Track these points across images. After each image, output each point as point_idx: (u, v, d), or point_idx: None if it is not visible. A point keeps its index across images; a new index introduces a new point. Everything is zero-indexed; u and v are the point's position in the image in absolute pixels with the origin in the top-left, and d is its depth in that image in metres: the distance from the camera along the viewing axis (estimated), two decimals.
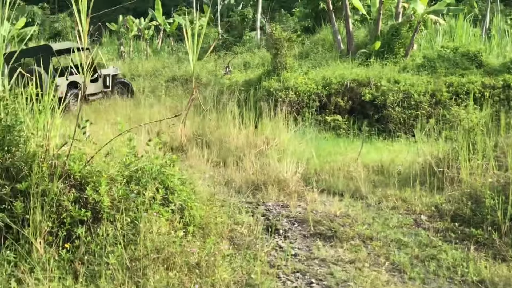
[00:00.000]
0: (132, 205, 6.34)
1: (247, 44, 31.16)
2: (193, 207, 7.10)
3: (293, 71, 18.38)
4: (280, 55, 18.29)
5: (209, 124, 14.07)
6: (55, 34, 38.24)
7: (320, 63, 20.97)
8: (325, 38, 25.44)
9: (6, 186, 5.83)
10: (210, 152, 12.29)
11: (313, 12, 29.09)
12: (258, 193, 9.93)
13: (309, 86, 16.92)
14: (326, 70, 18.70)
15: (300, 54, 23.60)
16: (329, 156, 11.83)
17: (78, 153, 6.43)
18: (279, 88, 16.97)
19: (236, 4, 42.30)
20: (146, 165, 6.86)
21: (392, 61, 19.27)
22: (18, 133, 6.19)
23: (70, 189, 6.18)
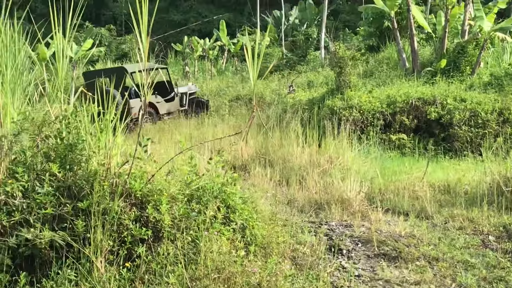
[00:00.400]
0: (193, 224, 6.29)
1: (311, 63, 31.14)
2: (254, 226, 7.01)
3: (357, 90, 18.20)
4: (344, 74, 18.13)
5: (272, 143, 13.99)
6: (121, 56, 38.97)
7: (384, 82, 20.75)
8: (389, 57, 25.21)
9: (67, 205, 5.84)
10: (273, 171, 12.21)
11: (378, 30, 28.85)
12: (321, 213, 9.79)
13: (374, 105, 16.70)
14: (391, 88, 18.45)
15: (364, 73, 23.42)
16: (394, 175, 11.60)
17: (139, 172, 6.42)
18: (342, 106, 16.80)
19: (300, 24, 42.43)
20: (207, 184, 6.82)
21: (458, 79, 18.89)
22: (80, 152, 6.21)
23: (131, 207, 6.16)
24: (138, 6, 6.41)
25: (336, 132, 14.08)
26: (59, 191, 5.96)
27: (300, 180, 11.51)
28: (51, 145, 6.26)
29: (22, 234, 5.51)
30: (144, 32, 6.29)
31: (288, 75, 28.15)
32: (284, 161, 12.76)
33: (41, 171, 6.04)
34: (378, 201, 10.01)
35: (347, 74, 18.14)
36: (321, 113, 16.87)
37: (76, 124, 6.35)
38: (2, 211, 5.65)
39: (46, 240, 5.53)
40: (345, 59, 17.99)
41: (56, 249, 5.68)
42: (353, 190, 10.09)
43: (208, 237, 6.13)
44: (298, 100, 19.40)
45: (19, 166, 5.91)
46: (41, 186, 5.83)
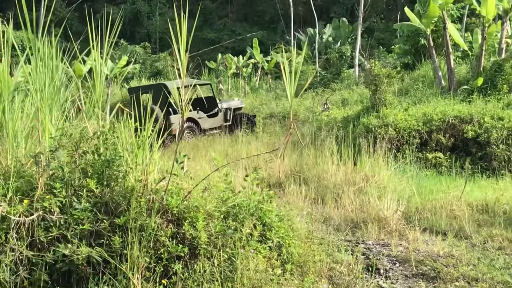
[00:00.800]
0: (229, 241, 6.27)
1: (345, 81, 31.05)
2: (291, 244, 6.96)
3: (392, 108, 18.07)
4: (379, 92, 18.02)
5: (307, 161, 13.93)
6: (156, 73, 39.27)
7: (420, 100, 20.57)
8: (425, 75, 25.02)
9: (105, 221, 5.85)
10: (308, 189, 12.14)
11: (413, 48, 28.65)
12: (357, 231, 9.69)
13: (409, 123, 16.54)
14: (427, 106, 18.27)
15: (399, 91, 23.26)
16: (430, 194, 11.45)
17: (176, 188, 6.42)
18: (378, 124, 16.68)
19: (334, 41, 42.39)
20: (243, 201, 6.79)
21: (495, 98, 18.64)
22: (117, 168, 6.22)
23: (168, 224, 6.16)
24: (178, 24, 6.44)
25: (371, 150, 13.97)
26: (97, 207, 5.98)
27: (336, 198, 11.43)
28: (89, 161, 6.29)
29: (59, 249, 5.54)
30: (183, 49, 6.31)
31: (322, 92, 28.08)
32: (319, 179, 12.68)
33: (79, 187, 6.07)
34: (415, 220, 9.87)
35: (383, 92, 18.03)
36: (356, 131, 16.77)
37: (114, 140, 6.37)
38: (39, 226, 5.68)
39: (83, 256, 5.54)
40: (380, 76, 17.89)
41: (93, 265, 5.70)
42: (390, 209, 9.98)
43: (244, 255, 6.11)
44: (332, 118, 19.34)
45: (57, 181, 5.94)
46: (78, 202, 5.86)
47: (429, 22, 22.42)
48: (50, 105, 6.95)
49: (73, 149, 6.26)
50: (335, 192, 11.69)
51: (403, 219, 10.01)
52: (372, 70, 18.19)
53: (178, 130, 6.47)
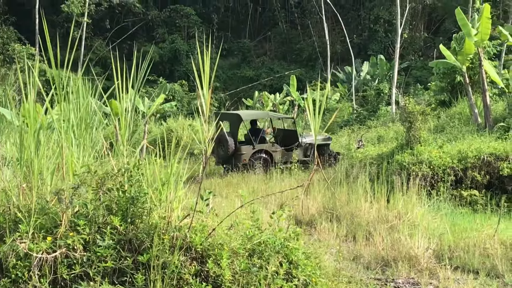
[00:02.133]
0: (254, 280, 6.20)
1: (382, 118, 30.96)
2: (317, 283, 6.85)
3: (427, 145, 17.85)
4: (414, 129, 17.83)
5: (340, 198, 13.80)
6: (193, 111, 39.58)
7: (456, 137, 20.34)
8: (461, 112, 24.79)
9: (128, 258, 5.83)
10: (339, 226, 12.00)
11: (449, 85, 28.43)
12: (387, 270, 9.52)
13: (444, 160, 16.31)
14: (462, 143, 18.02)
15: (435, 128, 23.05)
16: (464, 232, 11.20)
17: (200, 225, 6.38)
18: (412, 161, 16.47)
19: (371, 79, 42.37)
20: (269, 238, 6.71)
21: None
22: (142, 205, 6.21)
23: (191, 261, 6.11)
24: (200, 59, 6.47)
25: (405, 188, 13.78)
26: (120, 244, 5.96)
27: (367, 235, 11.27)
28: (113, 198, 6.29)
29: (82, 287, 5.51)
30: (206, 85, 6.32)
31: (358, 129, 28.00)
32: (352, 216, 12.53)
33: (103, 224, 6.07)
34: (447, 259, 9.66)
35: (417, 129, 17.84)
36: (390, 168, 16.59)
37: (138, 177, 6.37)
38: (62, 264, 5.67)
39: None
40: (414, 113, 17.72)
41: None
42: (421, 247, 9.80)
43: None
44: (367, 155, 19.20)
45: (81, 218, 5.94)
46: (102, 239, 5.85)
47: (464, 59, 22.28)
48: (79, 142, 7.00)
49: (98, 186, 6.27)
50: (367, 229, 11.53)
51: (435, 258, 9.81)
52: (407, 107, 18.04)
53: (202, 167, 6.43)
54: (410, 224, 11.57)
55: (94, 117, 7.97)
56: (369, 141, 23.90)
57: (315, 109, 13.88)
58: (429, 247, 9.85)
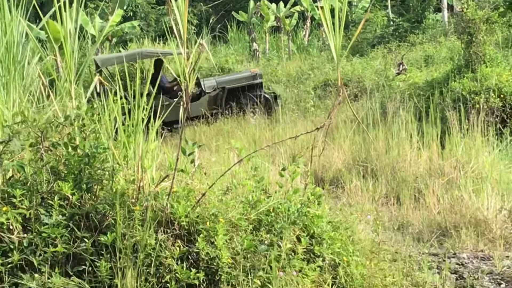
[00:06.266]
0: (263, 262, 6.22)
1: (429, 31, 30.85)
2: (350, 263, 6.89)
3: (495, 66, 17.82)
4: (476, 44, 17.78)
5: (375, 146, 13.82)
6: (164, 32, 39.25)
7: None
8: None
9: (85, 239, 5.82)
10: (377, 184, 12.07)
11: None
12: (446, 241, 9.59)
13: None
14: None
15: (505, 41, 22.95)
16: None
17: (183, 190, 6.37)
18: (474, 89, 16.47)
19: None
20: (280, 204, 6.72)
21: None
22: (100, 165, 6.20)
23: (174, 240, 6.12)
24: None
25: (465, 127, 13.79)
26: (73, 220, 5.96)
27: (416, 195, 11.32)
28: (60, 157, 6.27)
29: (23, 282, 5.52)
30: None
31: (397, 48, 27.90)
32: (393, 170, 12.59)
33: (48, 194, 6.06)
34: None
35: (480, 44, 17.79)
36: (444, 100, 16.58)
37: (94, 126, 6.35)
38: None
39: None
40: (476, 22, 17.65)
41: None
42: (492, 207, 9.85)
43: (284, 280, 6.05)
44: (411, 84, 19.17)
45: (16, 187, 5.92)
46: (48, 214, 5.84)
47: None
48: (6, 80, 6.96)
49: (38, 141, 6.25)
50: (415, 187, 11.59)
51: (511, 222, 9.88)
52: (464, 13, 17.95)
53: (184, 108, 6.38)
54: (475, 177, 11.61)
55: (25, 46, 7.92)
56: (413, 63, 23.85)
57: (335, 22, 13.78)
58: (503, 208, 9.91)
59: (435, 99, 16.14)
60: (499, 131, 14.87)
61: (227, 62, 28.05)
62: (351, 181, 12.38)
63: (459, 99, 16.11)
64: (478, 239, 9.43)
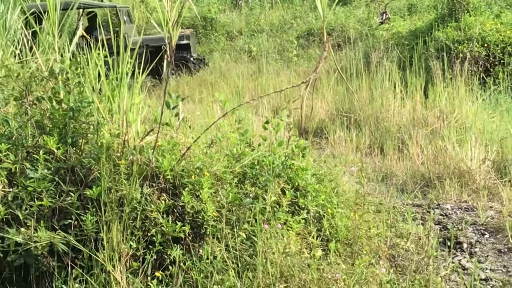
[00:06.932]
0: (248, 215, 6.24)
1: None
2: (335, 215, 6.92)
3: (478, 14, 17.81)
4: None
5: (359, 96, 13.83)
6: None
7: None
8: None
9: (71, 193, 5.81)
10: (360, 135, 12.10)
11: None
12: (430, 191, 9.66)
13: (503, 35, 16.32)
14: None
15: None
16: None
17: (168, 144, 6.37)
18: (458, 39, 16.49)
19: None
20: (265, 157, 6.73)
21: None
22: (85, 119, 6.19)
23: (160, 194, 6.12)
24: None
25: (449, 76, 13.81)
26: (59, 174, 5.94)
27: (400, 146, 11.37)
28: (45, 111, 6.25)
29: (9, 236, 5.53)
30: None
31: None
32: (377, 121, 12.63)
33: (33, 148, 6.04)
34: None
35: None
36: (428, 49, 16.59)
37: (79, 80, 6.32)
38: None
39: (43, 243, 5.53)
40: None
41: (58, 255, 5.68)
42: (475, 158, 9.91)
43: (269, 232, 6.07)
44: (394, 33, 19.15)
45: (1, 141, 5.90)
46: (33, 168, 5.83)
47: None
48: None
49: (22, 95, 6.22)
50: (399, 137, 11.63)
51: (495, 172, 9.94)
52: None
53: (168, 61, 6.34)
54: (458, 127, 11.67)
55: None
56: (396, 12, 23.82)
57: None
58: (487, 158, 9.96)
59: (418, 48, 16.13)
60: (482, 80, 14.90)
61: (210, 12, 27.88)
62: (334, 131, 12.41)
63: (443, 48, 16.14)
64: (461, 190, 9.50)
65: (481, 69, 15.71)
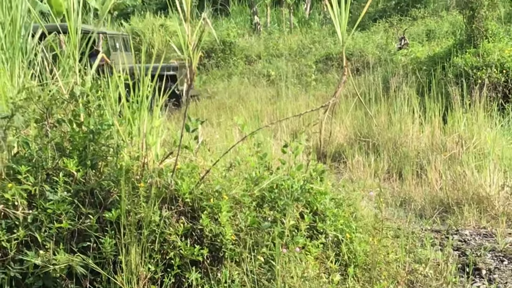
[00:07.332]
0: (266, 238, 6.23)
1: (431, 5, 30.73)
2: (353, 240, 6.90)
3: (497, 41, 17.78)
4: (478, 19, 17.73)
5: (377, 120, 13.82)
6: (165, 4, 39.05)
7: None
8: None
9: (90, 216, 5.83)
10: (379, 160, 12.08)
11: None
12: (448, 217, 9.62)
13: None
14: None
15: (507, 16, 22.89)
16: None
17: (187, 167, 6.38)
18: (477, 65, 16.46)
19: None
20: (283, 181, 6.73)
21: None
22: (105, 141, 6.20)
23: (178, 217, 6.12)
24: None
25: (467, 102, 13.78)
26: (78, 197, 5.96)
27: (418, 171, 11.34)
28: (65, 133, 6.27)
29: (28, 258, 5.53)
30: None
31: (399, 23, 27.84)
32: (395, 145, 12.61)
33: (53, 170, 6.06)
34: None
35: (483, 19, 17.75)
36: (446, 75, 16.57)
37: (99, 102, 6.34)
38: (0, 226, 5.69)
39: (62, 266, 5.53)
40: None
41: (77, 277, 5.69)
42: (494, 184, 9.87)
43: (287, 256, 6.06)
44: (413, 58, 19.14)
45: (21, 163, 5.92)
46: (53, 190, 5.84)
47: None
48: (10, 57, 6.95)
49: (43, 117, 6.24)
50: (417, 162, 11.60)
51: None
52: None
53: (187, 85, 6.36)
54: (477, 153, 11.63)
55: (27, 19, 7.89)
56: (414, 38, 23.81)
57: None
58: (506, 184, 9.92)
59: (437, 74, 16.12)
60: (501, 106, 14.86)
61: (229, 36, 27.96)
62: (353, 156, 12.39)
63: (461, 74, 16.12)
64: (480, 216, 9.46)
65: (499, 95, 15.68)
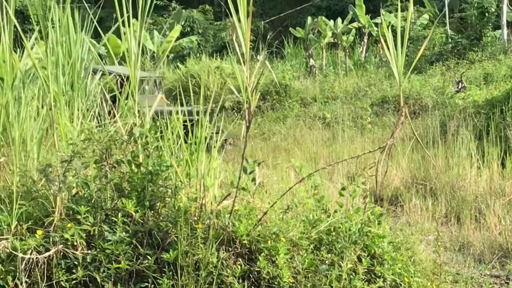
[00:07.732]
0: (324, 281, 6.21)
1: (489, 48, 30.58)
2: (412, 284, 6.85)
3: None
4: None
5: (435, 164, 13.73)
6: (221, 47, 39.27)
7: None
8: None
9: (148, 256, 5.87)
10: (436, 203, 11.97)
11: None
12: (508, 262, 9.48)
13: None
14: None
15: None
16: None
17: (245, 209, 6.39)
18: None
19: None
20: (341, 224, 6.71)
21: None
22: (163, 182, 6.24)
23: (236, 259, 6.14)
24: None
25: None
26: (136, 237, 6.00)
27: (477, 215, 11.21)
28: (124, 174, 6.32)
29: None
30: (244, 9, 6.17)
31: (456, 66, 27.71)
32: (453, 189, 12.49)
33: (112, 211, 6.11)
34: None
35: None
36: (504, 119, 16.43)
37: (158, 143, 6.38)
38: (59, 266, 5.73)
39: None
40: None
41: None
42: None
43: None
44: (470, 102, 19.03)
45: (81, 203, 5.98)
46: (111, 231, 5.89)
47: None
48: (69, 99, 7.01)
49: (102, 158, 6.30)
50: (476, 207, 11.48)
51: None
52: None
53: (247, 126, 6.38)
54: None
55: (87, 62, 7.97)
56: (472, 81, 23.67)
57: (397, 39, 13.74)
58: None
59: (495, 117, 15.99)
60: None
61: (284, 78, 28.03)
62: (410, 200, 12.30)
63: None
64: None
65: None
